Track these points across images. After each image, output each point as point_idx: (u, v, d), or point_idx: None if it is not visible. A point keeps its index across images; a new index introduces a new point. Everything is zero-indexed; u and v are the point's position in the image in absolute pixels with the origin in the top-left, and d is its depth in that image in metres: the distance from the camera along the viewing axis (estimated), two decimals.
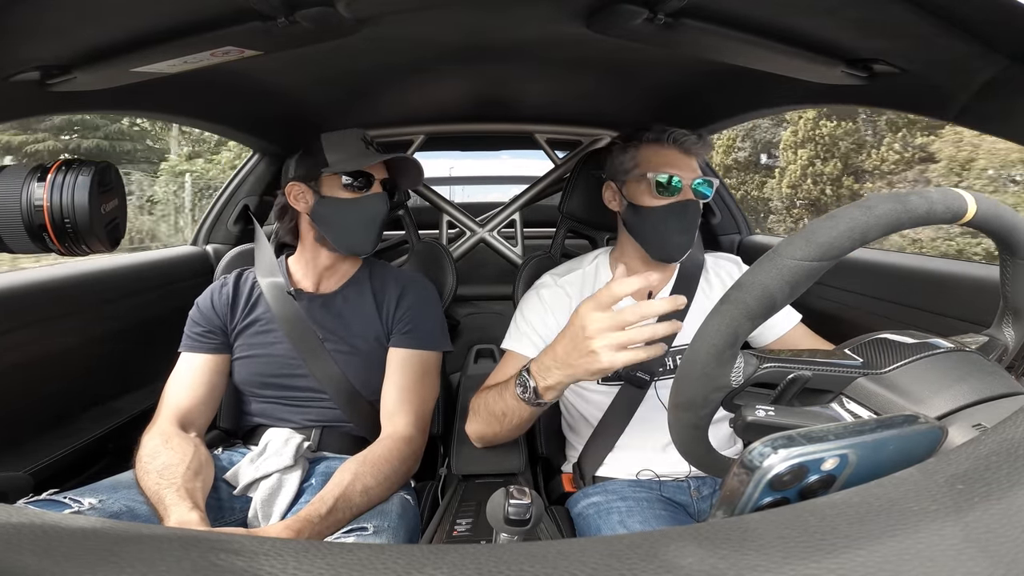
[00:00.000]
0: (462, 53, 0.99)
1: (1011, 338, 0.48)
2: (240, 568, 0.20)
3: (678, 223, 0.91)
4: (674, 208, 0.90)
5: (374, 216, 0.97)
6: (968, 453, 0.26)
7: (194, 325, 0.96)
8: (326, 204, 0.96)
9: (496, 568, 0.20)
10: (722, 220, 1.63)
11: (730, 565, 0.20)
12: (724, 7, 0.66)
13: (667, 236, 0.91)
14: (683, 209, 0.90)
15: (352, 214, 0.96)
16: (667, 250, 0.92)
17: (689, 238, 0.92)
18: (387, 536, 0.73)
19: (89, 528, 0.23)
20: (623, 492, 0.90)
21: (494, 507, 0.52)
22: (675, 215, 0.90)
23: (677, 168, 0.91)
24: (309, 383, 0.96)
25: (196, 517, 0.69)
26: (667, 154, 0.92)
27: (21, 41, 0.62)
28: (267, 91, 1.08)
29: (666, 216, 0.91)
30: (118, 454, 1.09)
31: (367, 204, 0.96)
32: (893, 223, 0.38)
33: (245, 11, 0.64)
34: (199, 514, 0.70)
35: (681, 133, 0.92)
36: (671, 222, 0.91)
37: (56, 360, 1.01)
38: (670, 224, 0.91)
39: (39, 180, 0.46)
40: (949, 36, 0.58)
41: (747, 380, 0.42)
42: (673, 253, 0.92)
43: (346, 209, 0.96)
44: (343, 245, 0.98)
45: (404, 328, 0.98)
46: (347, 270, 1.03)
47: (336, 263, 1.01)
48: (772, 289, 0.39)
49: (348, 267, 1.04)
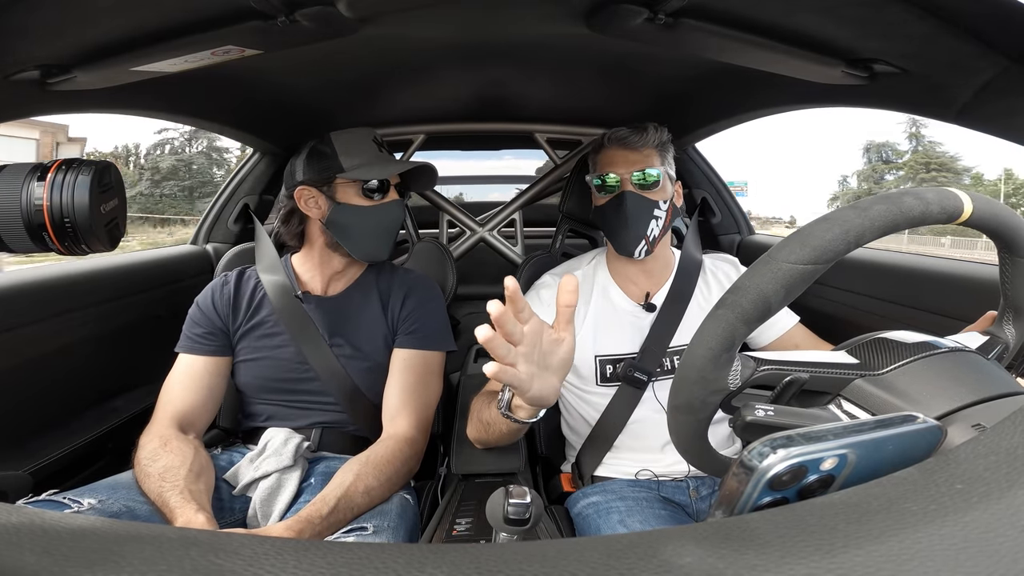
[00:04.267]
0: (462, 52, 0.99)
1: (1012, 336, 0.48)
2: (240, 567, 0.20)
3: (617, 216, 0.93)
4: (613, 202, 0.94)
5: (392, 223, 0.97)
6: (968, 453, 0.26)
7: (194, 326, 0.95)
8: (342, 211, 0.94)
9: (496, 568, 0.20)
10: (722, 220, 1.63)
11: (729, 565, 0.20)
12: (724, 7, 0.66)
13: (615, 230, 0.94)
14: (619, 201, 0.93)
15: (370, 222, 0.95)
16: (620, 244, 0.95)
17: (636, 230, 0.93)
18: (387, 536, 0.73)
19: (89, 528, 0.23)
20: (622, 492, 0.90)
21: (494, 506, 0.52)
22: (614, 209, 0.94)
23: (615, 166, 0.94)
24: (314, 386, 0.95)
25: (203, 518, 0.69)
26: (610, 154, 0.96)
27: (21, 41, 0.62)
28: (267, 90, 1.08)
29: (608, 211, 0.95)
30: (118, 454, 1.09)
31: (385, 211, 0.95)
32: (888, 225, 0.38)
33: (245, 10, 0.64)
34: (206, 515, 0.70)
35: (617, 131, 0.96)
36: (613, 215, 0.94)
37: (56, 359, 1.01)
38: (613, 218, 0.94)
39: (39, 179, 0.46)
40: (949, 36, 0.58)
41: (744, 383, 0.42)
42: (627, 246, 0.94)
43: (364, 217, 0.94)
44: (360, 253, 0.97)
45: (409, 328, 0.98)
46: (355, 273, 1.03)
47: (347, 267, 1.01)
48: (767, 293, 0.39)
49: (357, 270, 1.03)
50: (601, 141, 0.98)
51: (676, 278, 1.00)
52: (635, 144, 0.94)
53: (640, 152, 0.94)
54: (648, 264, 0.99)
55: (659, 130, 0.96)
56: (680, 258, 1.03)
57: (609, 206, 0.95)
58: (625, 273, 1.00)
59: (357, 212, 0.94)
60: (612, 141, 0.96)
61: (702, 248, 1.08)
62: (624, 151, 0.95)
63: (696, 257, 1.04)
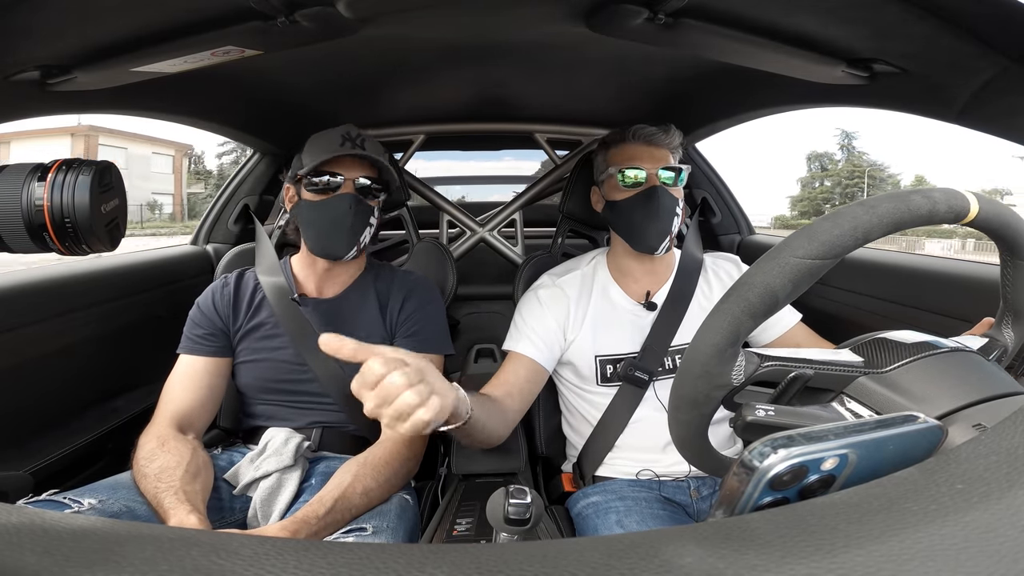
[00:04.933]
0: (462, 53, 0.99)
1: (1010, 339, 0.48)
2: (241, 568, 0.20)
3: (646, 210, 0.92)
4: (640, 197, 0.93)
5: (340, 217, 0.93)
6: (968, 453, 0.26)
7: (194, 327, 0.95)
8: (300, 208, 0.96)
9: (496, 568, 0.20)
10: (722, 220, 1.63)
11: (729, 565, 0.20)
12: (724, 7, 0.66)
13: (641, 225, 0.93)
14: (649, 196, 0.92)
15: (317, 216, 0.94)
16: (645, 239, 0.94)
17: (663, 225, 0.93)
18: (386, 536, 0.73)
19: (89, 528, 0.23)
20: (623, 492, 0.90)
21: (494, 507, 0.52)
22: (642, 203, 0.93)
23: (640, 161, 0.94)
24: (313, 387, 0.95)
25: (195, 520, 0.69)
26: (632, 149, 0.95)
27: (21, 41, 0.62)
28: (267, 91, 1.08)
29: (635, 205, 0.93)
30: (118, 454, 1.09)
31: (331, 206, 0.93)
32: (896, 222, 0.38)
33: (245, 11, 0.64)
34: (198, 516, 0.70)
35: (643, 127, 0.95)
36: (640, 210, 0.93)
37: (56, 360, 1.01)
38: (640, 212, 0.93)
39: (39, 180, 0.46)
40: (949, 36, 0.58)
41: (748, 378, 0.42)
42: (651, 242, 0.93)
43: (312, 211, 0.94)
44: (315, 248, 0.96)
45: (408, 331, 0.97)
46: (350, 273, 1.02)
47: (334, 266, 1.00)
48: (775, 287, 0.39)
49: (350, 270, 1.02)
50: (623, 136, 0.97)
51: (677, 277, 1.00)
52: (662, 141, 0.95)
53: (665, 150, 0.95)
54: (652, 263, 0.99)
55: (678, 132, 0.97)
56: (681, 257, 1.03)
57: (634, 200, 0.94)
58: (627, 272, 1.00)
59: (309, 207, 0.95)
60: (638, 137, 0.95)
61: (703, 248, 1.08)
62: (650, 148, 0.95)
63: (697, 256, 1.04)
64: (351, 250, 0.95)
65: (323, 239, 0.95)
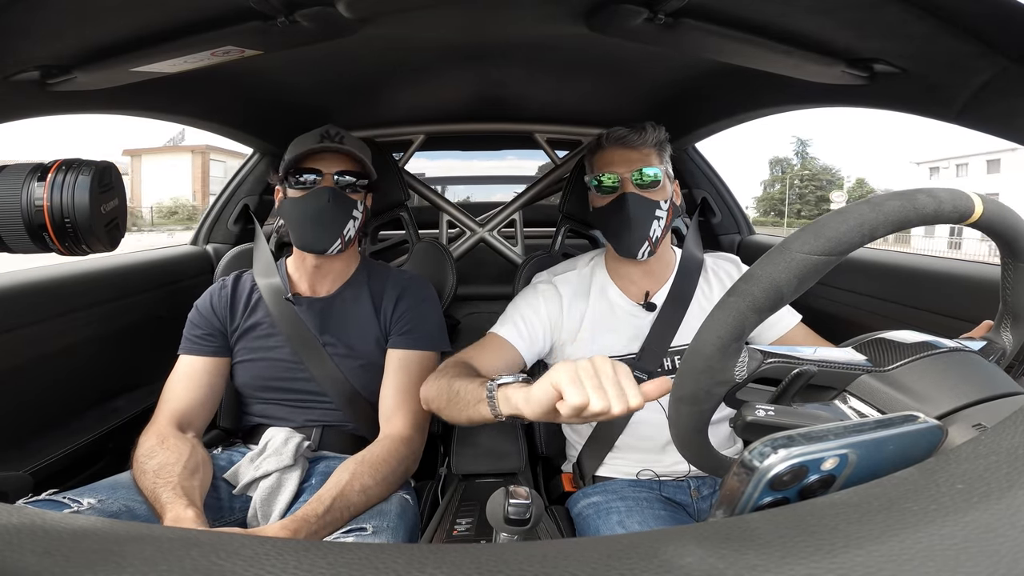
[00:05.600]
0: (462, 53, 0.99)
1: (1009, 342, 0.48)
2: (241, 568, 0.20)
3: (620, 217, 0.92)
4: (614, 204, 0.92)
5: (318, 211, 0.93)
6: (968, 453, 0.26)
7: (193, 328, 0.96)
8: (284, 204, 0.97)
9: (496, 568, 0.20)
10: (722, 220, 1.63)
11: (729, 565, 0.20)
12: (724, 7, 0.66)
13: (619, 232, 0.93)
14: (620, 204, 0.92)
15: (298, 212, 0.95)
16: (624, 245, 0.93)
17: (640, 232, 0.91)
18: (386, 536, 0.73)
19: (89, 528, 0.23)
20: (623, 492, 0.90)
21: (494, 507, 0.52)
22: (616, 210, 0.92)
23: (614, 166, 0.93)
24: (310, 386, 0.96)
25: (192, 514, 0.69)
26: (607, 155, 0.94)
27: (21, 41, 0.62)
28: (267, 91, 1.08)
29: (611, 212, 0.93)
30: (118, 454, 1.09)
31: (310, 200, 0.94)
32: (901, 220, 0.38)
33: (245, 11, 0.64)
34: (195, 511, 0.70)
35: (616, 130, 0.94)
36: (615, 217, 0.92)
37: (56, 360, 1.01)
38: (616, 219, 0.92)
39: (39, 180, 0.46)
40: (949, 36, 0.58)
41: (751, 374, 0.42)
42: (631, 247, 0.92)
43: (295, 207, 0.95)
44: (299, 243, 0.97)
45: (402, 329, 0.98)
46: (341, 272, 1.02)
47: (323, 264, 1.00)
48: (780, 282, 0.38)
49: (340, 268, 1.02)
50: (599, 141, 0.97)
51: (677, 277, 0.99)
52: (634, 143, 0.93)
53: (639, 151, 0.93)
54: (650, 264, 0.98)
55: (657, 129, 0.95)
56: (681, 257, 1.02)
57: (610, 208, 0.93)
58: (625, 273, 1.00)
59: (291, 204, 0.96)
60: (610, 141, 0.95)
61: (702, 248, 1.08)
62: (623, 150, 0.94)
63: (697, 256, 1.04)
64: (334, 243, 0.95)
65: (305, 233, 0.95)
